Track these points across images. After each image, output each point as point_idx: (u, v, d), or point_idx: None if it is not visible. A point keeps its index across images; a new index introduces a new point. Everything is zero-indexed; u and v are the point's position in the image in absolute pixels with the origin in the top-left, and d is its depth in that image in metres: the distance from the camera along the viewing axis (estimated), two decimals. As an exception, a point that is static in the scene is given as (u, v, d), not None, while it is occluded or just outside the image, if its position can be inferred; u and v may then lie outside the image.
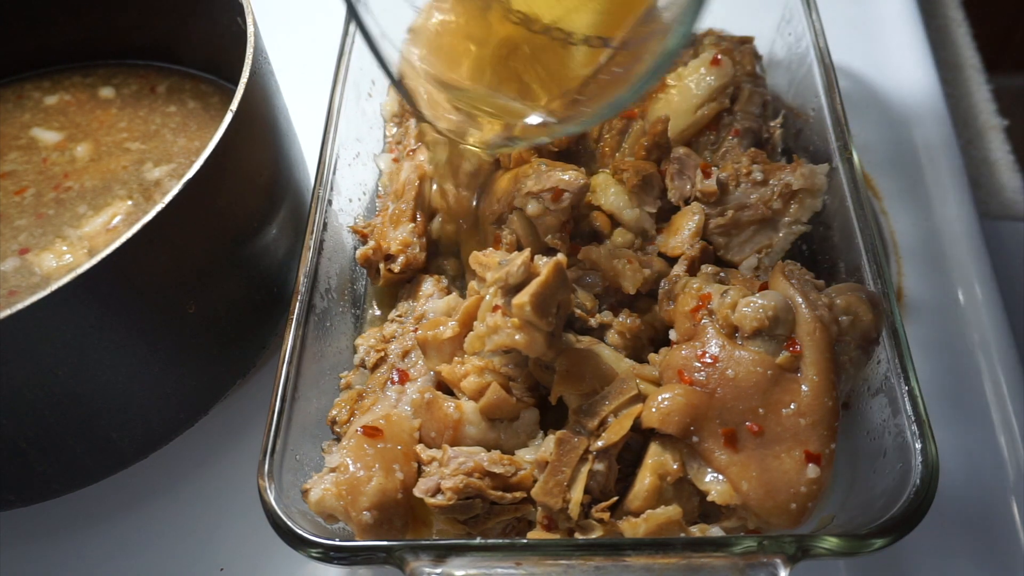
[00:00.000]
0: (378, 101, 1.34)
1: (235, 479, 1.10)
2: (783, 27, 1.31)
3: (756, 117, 1.19)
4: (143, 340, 0.95)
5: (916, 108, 1.44)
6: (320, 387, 1.01)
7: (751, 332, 0.86)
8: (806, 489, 0.84)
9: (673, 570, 0.82)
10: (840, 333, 0.88)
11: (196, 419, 1.07)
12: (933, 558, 1.01)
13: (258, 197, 1.07)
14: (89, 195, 1.20)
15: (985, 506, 1.05)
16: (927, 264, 1.26)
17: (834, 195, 1.07)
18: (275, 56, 1.17)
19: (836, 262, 1.06)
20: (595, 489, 0.89)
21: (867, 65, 1.49)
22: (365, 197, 1.23)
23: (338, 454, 0.91)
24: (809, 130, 1.20)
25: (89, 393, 0.94)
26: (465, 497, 0.88)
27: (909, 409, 0.87)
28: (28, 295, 0.83)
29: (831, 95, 1.14)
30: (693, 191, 1.10)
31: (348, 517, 0.88)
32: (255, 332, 1.11)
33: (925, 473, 0.82)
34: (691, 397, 0.87)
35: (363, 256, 1.13)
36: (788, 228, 1.08)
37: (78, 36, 1.35)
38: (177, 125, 1.29)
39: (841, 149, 1.08)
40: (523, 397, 0.94)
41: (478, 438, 0.93)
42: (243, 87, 1.00)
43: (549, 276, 0.89)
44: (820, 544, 0.79)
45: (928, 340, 1.18)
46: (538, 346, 0.89)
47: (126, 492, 1.10)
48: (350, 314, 1.12)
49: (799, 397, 0.85)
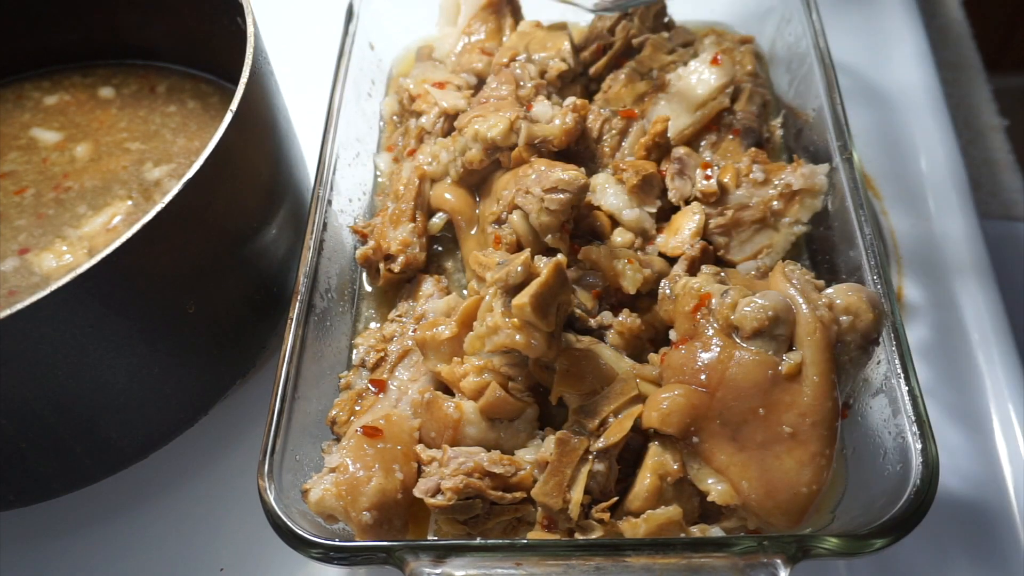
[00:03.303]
0: (378, 101, 1.34)
1: (235, 479, 1.10)
2: (783, 27, 1.31)
3: (756, 117, 1.19)
4: (143, 340, 0.95)
5: (916, 108, 1.44)
6: (320, 387, 1.01)
7: (751, 332, 0.86)
8: (806, 489, 0.84)
9: (673, 570, 0.82)
10: (840, 333, 0.88)
11: (196, 419, 1.07)
12: (933, 558, 1.01)
13: (258, 197, 1.07)
14: (89, 195, 1.20)
15: (985, 506, 1.05)
16: (927, 264, 1.25)
17: (834, 195, 1.07)
18: (275, 56, 1.17)
19: (836, 262, 1.06)
20: (595, 489, 0.89)
21: (867, 65, 1.49)
22: (365, 197, 1.23)
23: (338, 454, 0.91)
24: (809, 130, 1.20)
25: (89, 393, 0.94)
26: (465, 497, 0.88)
27: (909, 409, 0.87)
28: (28, 295, 0.83)
29: (831, 95, 1.14)
30: (693, 191, 1.10)
31: (348, 517, 0.88)
32: (255, 332, 1.11)
33: (925, 473, 0.82)
34: (691, 397, 0.87)
35: (363, 256, 1.13)
36: (788, 228, 1.08)
37: (78, 36, 1.35)
38: (177, 125, 1.29)
39: (841, 149, 1.08)
40: (523, 397, 0.94)
41: (478, 438, 0.93)
42: (243, 87, 1.00)
43: (549, 276, 0.89)
44: (820, 544, 0.80)
45: (928, 340, 1.18)
46: (538, 346, 0.89)
47: (126, 492, 1.10)
48: (350, 314, 1.12)
49: (799, 397, 0.85)
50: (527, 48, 1.24)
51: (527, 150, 1.09)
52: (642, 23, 1.28)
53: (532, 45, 1.24)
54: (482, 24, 1.32)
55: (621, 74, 1.23)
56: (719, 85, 1.18)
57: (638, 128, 1.18)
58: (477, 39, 1.31)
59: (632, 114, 1.18)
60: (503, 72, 1.21)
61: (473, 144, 1.11)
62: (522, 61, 1.22)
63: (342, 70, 1.23)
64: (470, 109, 1.18)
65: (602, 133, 1.17)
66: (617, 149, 1.17)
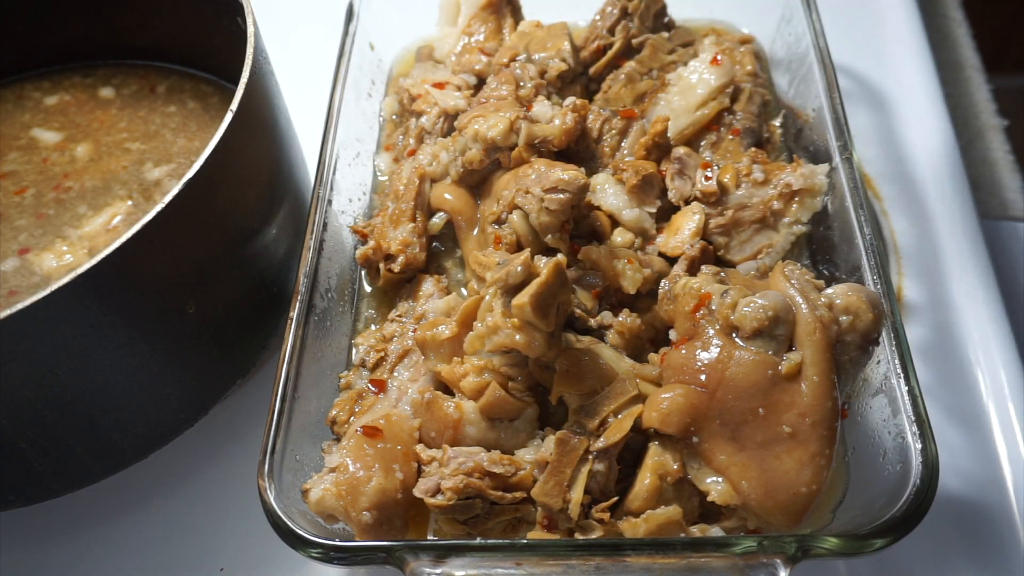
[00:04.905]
0: (378, 101, 1.34)
1: (235, 479, 1.10)
2: (783, 27, 1.31)
3: (756, 117, 1.19)
4: (143, 340, 0.95)
5: (916, 108, 1.44)
6: (320, 387, 1.01)
7: (751, 332, 0.86)
8: (806, 489, 0.84)
9: (673, 570, 0.82)
10: (840, 333, 0.88)
11: (196, 419, 1.07)
12: (933, 558, 1.01)
13: (258, 197, 1.07)
14: (89, 195, 1.20)
15: (985, 506, 1.05)
16: (927, 264, 1.26)
17: (834, 195, 1.07)
18: (275, 56, 1.17)
19: (836, 262, 1.06)
20: (595, 489, 0.89)
21: (867, 65, 1.49)
22: (365, 197, 1.23)
23: (338, 454, 0.91)
24: (809, 130, 1.20)
25: (89, 393, 0.94)
26: (465, 497, 0.88)
27: (909, 409, 0.87)
28: (28, 295, 0.83)
29: (831, 95, 1.14)
30: (693, 191, 1.10)
31: (348, 517, 0.88)
32: (255, 332, 1.11)
33: (925, 473, 0.82)
34: (691, 397, 0.87)
35: (363, 256, 1.13)
36: (788, 228, 1.08)
37: (78, 36, 1.35)
38: (177, 125, 1.29)
39: (841, 149, 1.08)
40: (523, 397, 0.94)
41: (478, 438, 0.93)
42: (243, 87, 1.00)
43: (549, 276, 0.89)
44: (820, 544, 0.80)
45: (928, 340, 1.18)
46: (538, 346, 0.89)
47: (126, 492, 1.10)
48: (350, 314, 1.12)
49: (799, 397, 0.85)
50: (527, 48, 1.24)
51: (527, 150, 1.09)
52: (642, 23, 1.28)
53: (532, 45, 1.24)
54: (482, 24, 1.32)
55: (621, 74, 1.23)
56: (719, 85, 1.18)
57: (638, 128, 1.18)
58: (477, 39, 1.31)
59: (632, 114, 1.18)
60: (503, 72, 1.21)
61: (473, 144, 1.11)
62: (522, 61, 1.22)
63: (342, 70, 1.23)
64: (470, 109, 1.18)
65: (602, 133, 1.17)
66: (617, 149, 1.17)
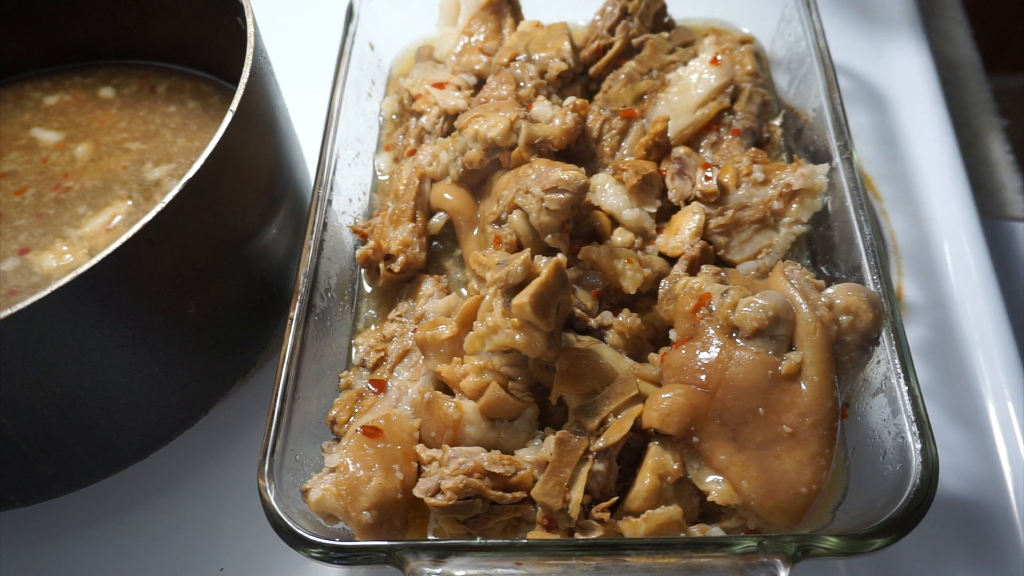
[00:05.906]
0: (378, 101, 1.34)
1: (235, 479, 1.10)
2: (783, 27, 1.31)
3: (756, 117, 1.19)
4: (143, 340, 0.95)
5: (916, 108, 1.44)
6: (320, 387, 1.01)
7: (751, 332, 0.86)
8: (806, 489, 0.84)
9: (673, 570, 0.82)
10: (840, 333, 0.88)
11: (196, 419, 1.07)
12: (933, 558, 1.01)
13: (258, 197, 1.07)
14: (89, 195, 1.20)
15: (985, 506, 1.05)
16: (927, 264, 1.26)
17: (834, 195, 1.07)
18: (275, 56, 1.17)
19: (836, 262, 1.06)
20: (595, 489, 0.89)
21: (867, 65, 1.49)
22: (365, 197, 1.23)
23: (338, 454, 0.91)
24: (809, 130, 1.20)
25: (89, 393, 0.94)
26: (465, 497, 0.88)
27: (909, 409, 0.87)
28: (28, 295, 0.83)
29: (831, 95, 1.14)
30: (693, 191, 1.10)
31: (348, 517, 0.88)
32: (255, 332, 1.11)
33: (925, 473, 0.82)
34: (691, 397, 0.87)
35: (363, 256, 1.13)
36: (788, 228, 1.08)
37: (78, 36, 1.35)
38: (177, 125, 1.29)
39: (841, 149, 1.08)
40: (523, 397, 0.94)
41: (478, 438, 0.93)
42: (243, 87, 1.00)
43: (549, 276, 0.89)
44: (820, 544, 0.80)
45: (928, 340, 1.18)
46: (538, 346, 0.89)
47: (126, 492, 1.10)
48: (350, 314, 1.12)
49: (799, 397, 0.85)
50: (527, 48, 1.24)
51: (527, 150, 1.09)
52: (642, 23, 1.28)
53: (532, 45, 1.24)
54: (482, 24, 1.32)
55: (621, 74, 1.23)
56: (719, 85, 1.18)
57: (638, 128, 1.18)
58: (477, 39, 1.31)
59: (632, 114, 1.18)
60: (503, 72, 1.21)
61: (473, 144, 1.11)
62: (522, 61, 1.22)
63: (342, 70, 1.23)
64: (470, 109, 1.18)
65: (602, 133, 1.17)
66: (617, 149, 1.17)
